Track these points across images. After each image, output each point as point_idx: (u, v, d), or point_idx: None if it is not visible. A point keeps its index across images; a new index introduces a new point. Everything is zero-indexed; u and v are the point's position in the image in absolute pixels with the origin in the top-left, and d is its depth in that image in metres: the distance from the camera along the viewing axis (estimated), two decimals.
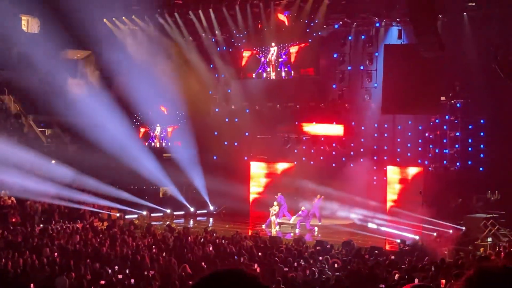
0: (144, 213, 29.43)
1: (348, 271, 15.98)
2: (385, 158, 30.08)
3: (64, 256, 17.64)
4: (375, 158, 30.29)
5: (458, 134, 28.24)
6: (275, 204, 27.03)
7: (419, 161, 29.15)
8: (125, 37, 33.01)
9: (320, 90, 31.59)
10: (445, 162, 28.55)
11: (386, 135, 30.77)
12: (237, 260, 17.84)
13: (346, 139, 30.75)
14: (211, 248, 19.54)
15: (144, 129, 34.87)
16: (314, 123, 31.23)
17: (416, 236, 23.80)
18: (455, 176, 27.84)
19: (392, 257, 18.87)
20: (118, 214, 28.18)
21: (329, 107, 31.33)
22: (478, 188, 27.06)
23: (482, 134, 27.99)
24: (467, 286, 2.44)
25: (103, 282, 14.58)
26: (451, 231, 24.25)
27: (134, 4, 31.55)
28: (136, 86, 30.44)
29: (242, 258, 17.83)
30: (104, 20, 32.54)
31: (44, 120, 34.33)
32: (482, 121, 28.00)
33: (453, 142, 28.38)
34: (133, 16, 32.35)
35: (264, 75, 31.67)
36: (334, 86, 30.79)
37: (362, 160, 29.83)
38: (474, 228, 23.25)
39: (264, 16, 30.20)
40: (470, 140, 28.26)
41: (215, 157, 32.85)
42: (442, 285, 13.70)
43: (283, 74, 31.15)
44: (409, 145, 29.91)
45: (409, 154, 29.67)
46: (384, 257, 18.90)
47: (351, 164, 29.90)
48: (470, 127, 28.30)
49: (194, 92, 32.16)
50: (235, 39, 32.26)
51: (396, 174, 28.91)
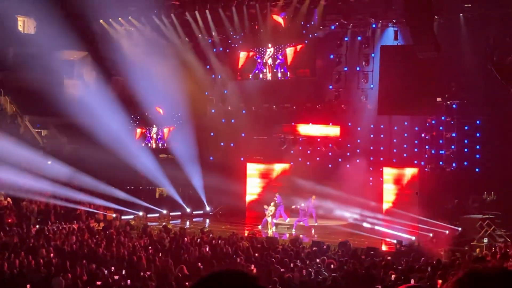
0: (141, 213, 29.45)
1: (345, 272, 16.01)
2: (381, 159, 30.09)
3: (60, 257, 17.63)
4: (371, 158, 30.29)
5: (454, 135, 28.29)
6: (272, 204, 27.02)
7: (415, 161, 29.19)
8: (121, 38, 32.96)
9: (316, 91, 31.61)
10: (441, 163, 28.59)
11: (382, 136, 30.78)
12: (233, 260, 17.84)
13: (342, 140, 30.78)
14: (207, 249, 19.56)
15: (140, 129, 34.86)
16: (311, 124, 31.26)
17: (413, 237, 23.84)
18: (451, 176, 27.86)
19: (389, 257, 18.91)
20: (114, 215, 28.18)
21: (325, 108, 31.34)
22: (474, 189, 27.12)
23: (478, 135, 27.99)
24: (458, 287, 2.43)
25: (99, 283, 14.55)
26: (447, 231, 24.31)
27: (130, 5, 31.49)
28: (132, 87, 30.43)
29: (238, 259, 17.83)
30: (101, 21, 32.46)
31: (40, 121, 34.29)
32: (478, 122, 28.01)
33: (449, 143, 28.42)
34: (129, 17, 32.24)
35: (260, 76, 31.63)
36: (331, 87, 30.78)
37: (358, 160, 29.88)
38: (470, 228, 23.33)
39: (260, 17, 30.16)
40: (466, 141, 28.25)
41: (211, 157, 32.86)
42: (439, 285, 13.72)
43: (280, 75, 31.12)
44: (405, 145, 29.96)
45: (405, 155, 29.74)
46: (381, 257, 18.95)
47: (348, 165, 29.88)
48: (466, 128, 28.32)
49: (190, 93, 32.08)
50: (232, 40, 32.22)
51: (392, 175, 28.93)
